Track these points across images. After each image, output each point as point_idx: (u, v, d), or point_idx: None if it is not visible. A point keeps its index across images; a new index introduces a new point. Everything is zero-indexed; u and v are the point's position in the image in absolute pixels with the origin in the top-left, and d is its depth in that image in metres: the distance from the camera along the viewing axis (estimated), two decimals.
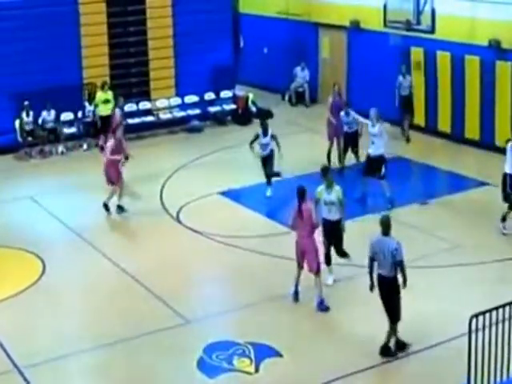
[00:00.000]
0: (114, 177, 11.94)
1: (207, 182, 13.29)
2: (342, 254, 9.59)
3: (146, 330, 8.65)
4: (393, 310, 7.83)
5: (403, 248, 7.79)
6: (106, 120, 15.40)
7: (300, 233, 8.98)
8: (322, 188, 9.35)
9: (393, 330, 7.91)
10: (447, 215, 11.53)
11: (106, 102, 15.44)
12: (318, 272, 8.94)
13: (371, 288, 7.88)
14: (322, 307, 8.89)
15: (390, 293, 7.79)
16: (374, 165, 11.69)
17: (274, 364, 7.92)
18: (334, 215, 9.31)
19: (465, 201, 11.35)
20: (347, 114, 13.22)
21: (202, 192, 12.77)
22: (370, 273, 7.86)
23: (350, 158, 13.56)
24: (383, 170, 11.55)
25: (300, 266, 9.07)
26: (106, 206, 11.94)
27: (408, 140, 15.23)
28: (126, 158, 12.15)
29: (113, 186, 11.96)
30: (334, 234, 9.44)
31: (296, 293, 9.09)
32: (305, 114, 17.85)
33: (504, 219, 10.64)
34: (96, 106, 15.51)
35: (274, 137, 12.30)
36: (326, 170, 9.48)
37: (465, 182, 11.82)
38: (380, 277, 7.81)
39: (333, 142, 13.77)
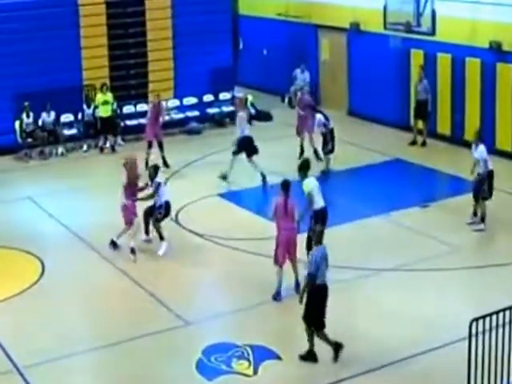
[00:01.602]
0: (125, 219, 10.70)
1: (206, 184, 13.26)
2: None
3: (144, 331, 8.62)
4: (323, 316, 7.82)
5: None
6: (106, 121, 15.46)
7: (283, 225, 9.12)
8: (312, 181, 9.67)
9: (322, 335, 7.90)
10: (448, 218, 11.51)
11: (105, 103, 15.45)
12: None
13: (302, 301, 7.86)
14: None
15: (326, 299, 7.82)
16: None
17: (272, 366, 7.90)
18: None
19: (465, 204, 11.33)
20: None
21: (201, 194, 12.74)
22: (313, 285, 7.74)
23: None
24: None
25: (281, 265, 9.18)
26: (113, 243, 10.71)
27: (424, 144, 15.16)
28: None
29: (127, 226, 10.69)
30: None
31: (279, 293, 9.19)
32: None
33: (476, 214, 10.93)
34: (96, 107, 15.51)
35: None
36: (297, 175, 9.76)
37: (465, 185, 11.79)
38: (322, 286, 7.79)
39: (302, 138, 13.98)
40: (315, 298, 7.79)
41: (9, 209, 12.68)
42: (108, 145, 15.70)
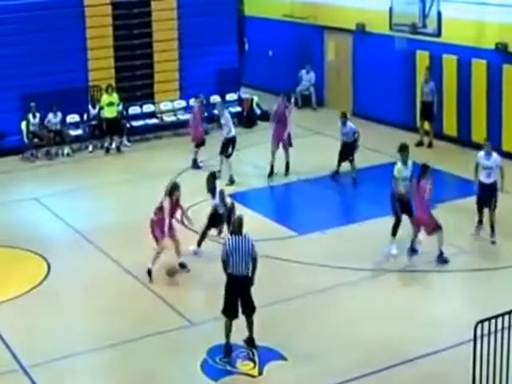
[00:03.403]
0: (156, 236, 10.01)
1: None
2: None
3: (150, 331, 8.65)
4: (252, 303, 7.99)
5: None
6: (111, 122, 15.50)
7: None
8: (399, 166, 10.23)
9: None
10: (454, 220, 11.47)
11: (111, 104, 15.50)
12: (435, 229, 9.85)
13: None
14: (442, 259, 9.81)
15: (247, 290, 7.90)
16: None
17: (277, 367, 7.91)
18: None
19: (471, 206, 11.29)
20: (344, 124, 13.24)
21: (206, 194, 12.74)
22: (226, 272, 7.94)
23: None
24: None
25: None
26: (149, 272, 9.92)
27: (430, 145, 15.15)
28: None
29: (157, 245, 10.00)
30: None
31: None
32: (312, 117, 17.82)
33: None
34: (101, 108, 15.54)
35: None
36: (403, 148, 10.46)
37: (472, 187, 11.76)
38: (234, 275, 7.88)
39: (274, 149, 13.50)
40: (226, 285, 7.98)
41: (15, 209, 12.73)
42: (114, 146, 15.75)
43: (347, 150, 13.33)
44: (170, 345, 8.43)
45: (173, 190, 9.94)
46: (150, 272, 9.83)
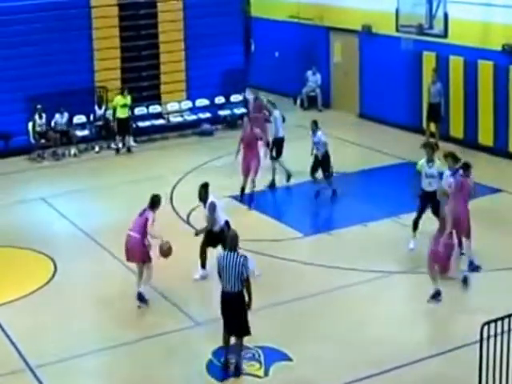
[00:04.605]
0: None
1: (218, 186, 13.26)
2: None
3: (155, 331, 8.66)
4: (242, 324, 7.59)
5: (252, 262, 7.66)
6: (123, 122, 15.59)
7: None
8: (422, 161, 10.16)
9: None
10: None
11: (124, 106, 15.61)
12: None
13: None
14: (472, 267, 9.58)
15: (237, 308, 7.53)
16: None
17: (283, 368, 7.90)
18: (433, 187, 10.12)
19: (478, 208, 11.24)
20: (313, 132, 12.46)
21: (212, 195, 12.76)
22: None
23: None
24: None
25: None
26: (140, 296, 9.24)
27: (436, 146, 15.08)
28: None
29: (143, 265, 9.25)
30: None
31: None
32: (317, 118, 17.70)
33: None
34: (114, 109, 15.62)
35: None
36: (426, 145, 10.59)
37: (478, 189, 11.74)
38: (224, 292, 7.57)
39: (245, 177, 12.36)
40: (220, 301, 7.69)
41: (22, 209, 12.78)
42: (124, 145, 15.77)
43: (319, 164, 12.44)
44: (175, 345, 8.44)
45: (157, 204, 9.12)
46: (141, 297, 9.11)
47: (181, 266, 10.39)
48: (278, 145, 13.41)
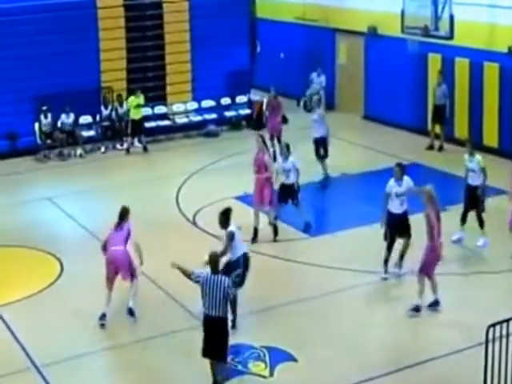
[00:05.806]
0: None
1: (223, 186, 13.32)
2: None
3: (161, 331, 8.70)
4: (220, 350, 7.33)
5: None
6: (137, 123, 15.70)
7: None
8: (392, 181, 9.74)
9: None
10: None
11: (138, 106, 15.72)
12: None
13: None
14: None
15: (219, 333, 7.27)
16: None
17: (288, 368, 7.93)
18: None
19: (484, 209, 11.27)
20: (286, 158, 11.18)
21: (218, 196, 12.79)
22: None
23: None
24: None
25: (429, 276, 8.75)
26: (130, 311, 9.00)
27: (441, 148, 15.12)
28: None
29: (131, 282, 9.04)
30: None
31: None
32: None
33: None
34: (128, 109, 15.71)
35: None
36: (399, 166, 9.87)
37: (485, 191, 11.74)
38: (205, 315, 7.30)
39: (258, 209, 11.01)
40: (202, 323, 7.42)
41: (28, 209, 12.83)
42: (132, 145, 15.81)
43: (288, 195, 11.17)
44: (182, 345, 8.47)
45: (128, 215, 8.97)
46: (131, 312, 8.86)
47: (186, 266, 10.41)
48: (323, 144, 13.47)
